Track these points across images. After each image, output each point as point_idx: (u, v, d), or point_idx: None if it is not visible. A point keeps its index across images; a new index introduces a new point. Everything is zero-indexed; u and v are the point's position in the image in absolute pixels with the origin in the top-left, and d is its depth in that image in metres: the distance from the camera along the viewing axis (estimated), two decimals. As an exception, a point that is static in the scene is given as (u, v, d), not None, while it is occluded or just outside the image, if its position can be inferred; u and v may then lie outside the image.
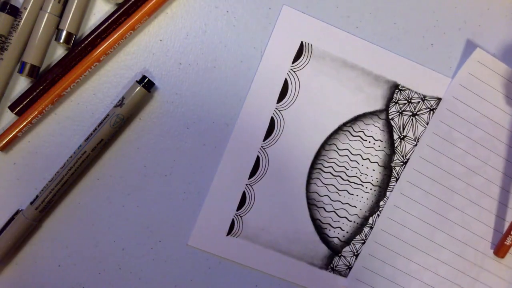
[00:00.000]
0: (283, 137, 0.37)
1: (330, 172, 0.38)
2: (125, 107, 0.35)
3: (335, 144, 0.38)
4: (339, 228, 0.38)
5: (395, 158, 0.39)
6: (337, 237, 0.38)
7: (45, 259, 0.36)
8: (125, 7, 0.35)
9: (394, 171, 0.39)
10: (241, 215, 0.37)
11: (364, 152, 0.38)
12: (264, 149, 0.37)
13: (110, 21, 0.35)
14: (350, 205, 0.38)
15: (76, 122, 0.36)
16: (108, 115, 0.35)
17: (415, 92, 0.38)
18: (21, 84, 0.36)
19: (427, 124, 0.38)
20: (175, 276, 0.37)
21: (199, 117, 0.37)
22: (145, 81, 0.35)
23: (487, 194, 0.39)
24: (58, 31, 0.34)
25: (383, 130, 0.38)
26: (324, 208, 0.38)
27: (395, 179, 0.39)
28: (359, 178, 0.38)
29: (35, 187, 0.36)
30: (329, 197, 0.38)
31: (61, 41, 0.34)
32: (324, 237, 0.38)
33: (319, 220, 0.38)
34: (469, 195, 0.39)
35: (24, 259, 0.36)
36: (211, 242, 0.37)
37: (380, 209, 0.38)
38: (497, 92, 0.39)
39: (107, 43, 0.35)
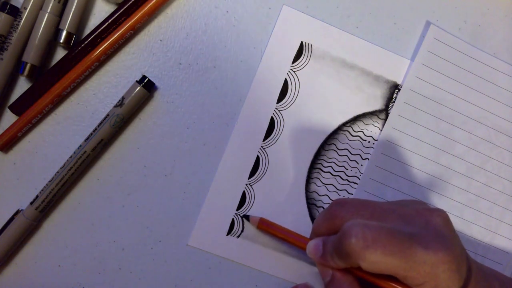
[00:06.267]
0: (283, 137, 0.37)
1: (329, 172, 0.38)
2: (125, 107, 0.35)
3: (334, 144, 0.38)
4: (338, 228, 0.38)
5: (395, 158, 0.39)
6: (336, 237, 0.38)
7: (45, 259, 0.36)
8: (125, 7, 0.35)
9: (393, 171, 0.39)
10: (241, 215, 0.37)
11: (364, 152, 0.38)
12: (264, 149, 0.37)
13: (110, 21, 0.35)
14: (349, 205, 0.38)
15: (76, 122, 0.36)
16: (108, 115, 0.35)
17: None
18: (21, 84, 0.36)
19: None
20: (175, 276, 0.37)
21: (199, 117, 0.37)
22: (145, 81, 0.35)
23: (455, 171, 0.39)
24: (58, 31, 0.34)
25: (382, 130, 0.38)
26: (323, 208, 0.38)
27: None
28: (358, 178, 0.38)
29: (35, 187, 0.36)
30: (329, 197, 0.38)
31: (61, 41, 0.34)
32: (324, 237, 0.38)
33: (319, 219, 0.38)
34: (437, 173, 0.39)
35: (24, 259, 0.36)
36: (211, 242, 0.37)
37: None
38: (456, 67, 0.39)
39: (107, 43, 0.35)
